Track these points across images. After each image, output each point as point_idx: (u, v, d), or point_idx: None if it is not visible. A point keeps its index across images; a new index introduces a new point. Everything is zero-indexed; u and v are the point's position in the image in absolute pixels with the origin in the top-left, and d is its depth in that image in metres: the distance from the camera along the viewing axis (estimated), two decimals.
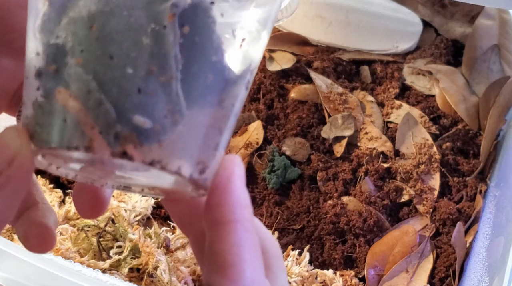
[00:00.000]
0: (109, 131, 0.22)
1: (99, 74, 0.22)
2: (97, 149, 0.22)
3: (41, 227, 0.29)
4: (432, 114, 0.72)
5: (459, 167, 0.68)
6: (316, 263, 0.63)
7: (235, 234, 0.24)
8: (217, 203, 0.25)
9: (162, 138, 0.23)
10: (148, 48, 0.22)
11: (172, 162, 0.23)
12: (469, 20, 0.79)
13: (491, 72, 0.74)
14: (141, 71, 0.22)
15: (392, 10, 0.79)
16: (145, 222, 0.64)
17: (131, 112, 0.22)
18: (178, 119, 0.23)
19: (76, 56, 0.22)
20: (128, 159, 0.22)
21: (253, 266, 0.24)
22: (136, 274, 0.58)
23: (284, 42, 0.79)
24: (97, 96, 0.22)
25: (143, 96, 0.22)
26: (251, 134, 0.71)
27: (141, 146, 0.22)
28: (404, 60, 0.78)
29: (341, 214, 0.64)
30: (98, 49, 0.22)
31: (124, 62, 0.22)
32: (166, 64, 0.22)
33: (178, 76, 0.23)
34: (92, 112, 0.22)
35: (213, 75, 0.24)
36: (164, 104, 0.22)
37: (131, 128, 0.22)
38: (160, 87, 0.22)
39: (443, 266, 0.61)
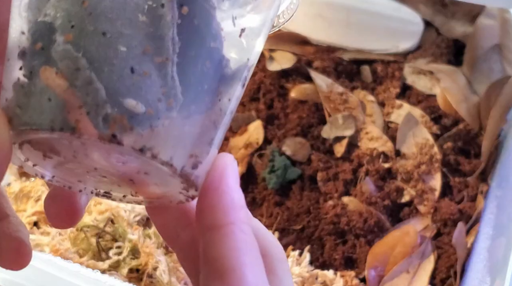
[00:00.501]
0: (98, 112, 0.20)
1: (90, 51, 0.21)
2: (84, 130, 0.21)
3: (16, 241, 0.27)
4: (433, 114, 0.72)
5: (460, 167, 0.68)
6: (317, 264, 0.62)
7: (232, 237, 0.23)
8: (210, 205, 0.23)
9: (154, 123, 0.21)
10: (143, 27, 0.21)
11: (164, 150, 0.21)
12: (470, 19, 0.78)
13: (493, 72, 0.73)
14: (135, 51, 0.21)
15: (393, 10, 0.79)
16: (144, 222, 0.64)
17: (122, 93, 0.21)
18: (172, 104, 0.21)
19: (65, 32, 0.21)
20: (117, 143, 0.21)
21: (254, 269, 0.23)
22: (135, 274, 0.58)
23: (284, 42, 0.79)
24: (86, 74, 0.21)
25: (136, 77, 0.21)
26: (251, 134, 0.71)
27: (131, 130, 0.21)
28: (405, 59, 0.77)
29: (342, 214, 0.64)
30: (90, 25, 0.21)
31: (118, 40, 0.21)
32: (162, 45, 0.21)
33: (174, 59, 0.21)
34: (80, 91, 0.21)
35: (211, 63, 0.22)
36: (158, 88, 0.21)
37: (121, 111, 0.21)
38: (155, 69, 0.21)
39: (444, 267, 0.60)
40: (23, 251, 0.27)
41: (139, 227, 0.61)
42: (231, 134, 0.72)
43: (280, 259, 0.26)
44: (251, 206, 0.67)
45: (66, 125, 0.21)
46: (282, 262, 0.26)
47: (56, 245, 0.58)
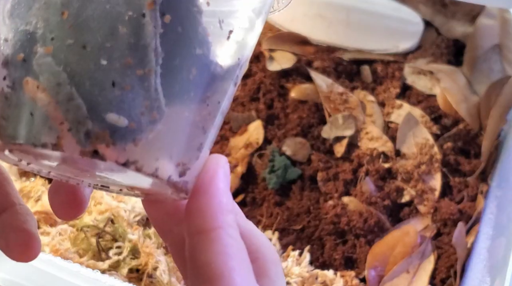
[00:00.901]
0: (79, 128, 0.20)
1: (71, 65, 0.20)
2: (66, 147, 0.20)
3: (24, 233, 0.26)
4: (433, 114, 0.72)
5: (460, 167, 0.68)
6: (317, 264, 0.62)
7: (219, 242, 0.23)
8: (198, 208, 0.23)
9: (138, 137, 0.21)
10: (125, 38, 0.20)
11: (149, 163, 0.21)
12: (470, 19, 0.78)
13: (492, 72, 0.73)
14: (117, 63, 0.20)
15: (393, 10, 0.79)
16: (144, 222, 0.64)
17: (104, 108, 0.20)
18: (156, 117, 0.21)
19: (46, 44, 0.21)
20: (100, 159, 0.20)
21: (242, 273, 0.23)
22: (135, 274, 0.58)
23: (284, 42, 0.79)
24: (67, 90, 0.20)
25: (117, 91, 0.20)
26: (251, 134, 0.71)
27: (114, 145, 0.20)
28: (405, 59, 0.77)
29: (342, 214, 0.64)
30: (70, 38, 0.20)
31: (98, 53, 0.20)
32: (144, 56, 0.21)
33: (157, 71, 0.21)
34: (62, 106, 0.20)
35: (197, 70, 0.22)
36: (141, 101, 0.21)
37: (103, 126, 0.20)
38: (137, 81, 0.21)
39: (444, 267, 0.60)
40: (32, 244, 0.27)
41: (139, 227, 0.61)
42: (231, 135, 0.72)
43: (273, 261, 0.26)
44: (251, 206, 0.67)
45: (48, 141, 0.20)
46: (275, 264, 0.26)
47: (56, 245, 0.58)
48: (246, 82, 0.75)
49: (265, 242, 0.27)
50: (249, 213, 0.66)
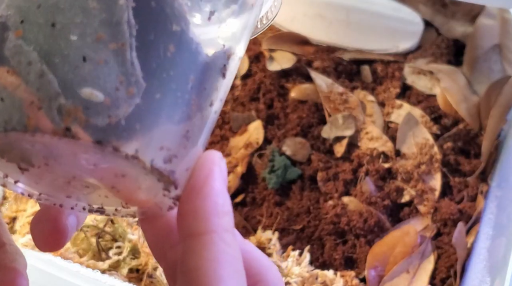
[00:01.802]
0: (51, 105, 0.19)
1: (41, 44, 0.20)
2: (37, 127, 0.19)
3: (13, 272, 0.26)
4: (433, 114, 0.72)
5: (460, 167, 0.68)
6: (317, 264, 0.62)
7: (211, 247, 0.21)
8: (191, 210, 0.22)
9: (113, 113, 0.20)
10: (96, 13, 0.20)
11: (128, 142, 0.20)
12: (470, 19, 0.78)
13: (492, 72, 0.73)
14: (87, 38, 0.20)
15: (393, 10, 0.79)
16: None
17: (76, 83, 0.19)
18: (133, 92, 0.20)
19: (16, 28, 0.20)
20: (72, 137, 0.19)
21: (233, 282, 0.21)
22: (135, 274, 0.58)
23: (284, 42, 0.79)
24: (38, 67, 0.20)
25: (89, 65, 0.20)
26: (251, 134, 0.71)
27: (88, 122, 0.19)
28: (405, 59, 0.77)
29: (342, 214, 0.64)
30: (39, 17, 0.20)
31: (68, 29, 0.20)
32: (117, 30, 0.20)
33: (132, 44, 0.20)
34: (32, 85, 0.20)
35: (176, 47, 0.21)
36: (116, 75, 0.20)
37: (76, 102, 0.19)
38: (111, 55, 0.20)
39: (444, 267, 0.60)
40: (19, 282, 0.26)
41: (139, 227, 0.61)
42: (231, 134, 0.72)
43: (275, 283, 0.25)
44: (251, 206, 0.67)
45: (18, 124, 0.20)
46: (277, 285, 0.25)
47: None
48: (246, 82, 0.75)
49: (267, 263, 0.25)
50: (249, 213, 0.66)
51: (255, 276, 0.24)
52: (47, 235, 0.26)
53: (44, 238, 0.26)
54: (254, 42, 0.79)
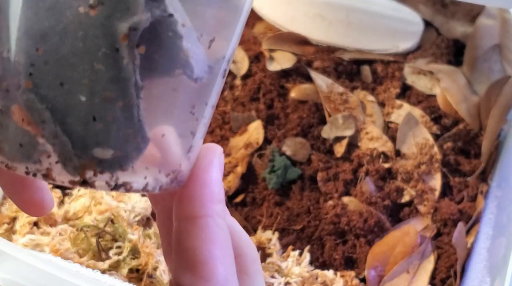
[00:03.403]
0: (67, 162, 0.21)
1: (52, 102, 0.20)
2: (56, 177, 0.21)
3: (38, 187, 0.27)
4: (433, 114, 0.72)
5: (460, 167, 0.68)
6: (317, 264, 0.62)
7: (206, 229, 0.23)
8: (189, 195, 0.24)
9: (124, 163, 0.21)
10: (101, 74, 0.20)
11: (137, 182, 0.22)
12: (470, 19, 0.78)
13: (492, 72, 0.73)
14: (96, 99, 0.20)
15: (393, 10, 0.79)
16: (144, 222, 0.64)
17: (88, 143, 0.21)
18: (140, 143, 0.21)
19: (26, 79, 0.21)
20: (90, 187, 0.21)
21: (226, 263, 0.23)
22: (135, 274, 0.58)
23: (284, 42, 0.79)
24: (51, 128, 0.20)
25: (99, 124, 0.20)
26: (251, 134, 0.71)
27: (102, 174, 0.21)
28: (405, 59, 0.77)
29: (342, 214, 0.64)
30: (47, 75, 0.20)
31: (76, 89, 0.20)
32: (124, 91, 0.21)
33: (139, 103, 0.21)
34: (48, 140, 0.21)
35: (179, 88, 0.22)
36: (124, 131, 0.21)
37: (90, 158, 0.21)
38: (119, 113, 0.21)
39: (444, 267, 0.60)
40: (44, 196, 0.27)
41: (139, 227, 0.61)
42: (231, 134, 0.72)
43: (253, 259, 0.27)
44: (251, 206, 0.67)
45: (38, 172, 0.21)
46: (255, 262, 0.27)
47: (56, 245, 0.58)
48: (246, 82, 0.75)
49: (246, 239, 0.27)
50: (249, 213, 0.66)
51: (235, 250, 0.26)
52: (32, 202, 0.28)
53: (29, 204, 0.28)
54: (254, 42, 0.79)
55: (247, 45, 0.79)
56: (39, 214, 0.28)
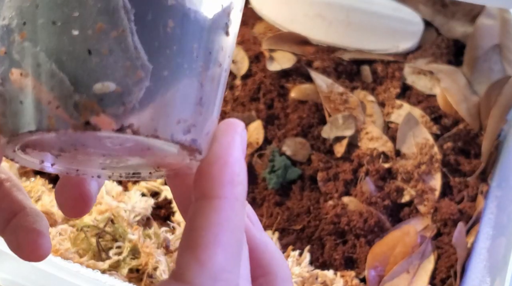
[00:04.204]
0: (67, 102, 0.20)
1: (46, 43, 0.20)
2: (58, 125, 0.20)
3: (35, 233, 0.27)
4: (433, 114, 0.72)
5: (460, 167, 0.68)
6: (317, 264, 0.62)
7: (218, 211, 0.22)
8: (208, 173, 0.22)
9: (127, 100, 0.20)
10: (92, 4, 0.20)
11: (145, 123, 0.21)
12: (470, 19, 0.78)
13: (493, 72, 0.73)
14: (89, 31, 0.20)
15: (393, 10, 0.79)
16: (144, 222, 0.64)
17: (87, 77, 0.20)
18: (141, 75, 0.21)
19: (20, 30, 0.21)
20: (93, 129, 0.20)
21: (229, 251, 0.22)
22: (135, 274, 0.58)
23: (284, 42, 0.79)
24: (47, 67, 0.20)
25: (95, 58, 0.20)
26: (251, 134, 0.71)
27: (104, 113, 0.20)
28: (405, 59, 0.77)
29: (342, 214, 0.64)
30: (40, 17, 0.20)
31: (68, 25, 0.20)
32: (114, 17, 0.20)
33: (132, 28, 0.21)
34: (46, 86, 0.20)
35: (174, 22, 0.21)
36: (122, 63, 0.20)
37: (90, 96, 0.20)
38: (114, 44, 0.20)
39: (444, 267, 0.60)
40: (41, 243, 0.27)
41: (139, 227, 0.61)
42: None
43: (284, 280, 0.25)
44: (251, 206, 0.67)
45: (40, 125, 0.21)
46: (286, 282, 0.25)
47: (56, 245, 0.58)
48: (246, 82, 0.75)
49: (279, 257, 0.26)
50: None
51: (265, 267, 0.24)
52: (74, 201, 0.27)
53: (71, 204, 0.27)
54: (254, 42, 0.79)
55: (247, 45, 0.79)
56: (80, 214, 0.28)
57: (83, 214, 0.28)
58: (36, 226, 0.27)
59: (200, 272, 0.21)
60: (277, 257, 0.26)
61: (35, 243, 0.27)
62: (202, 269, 0.21)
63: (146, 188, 0.65)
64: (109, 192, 0.64)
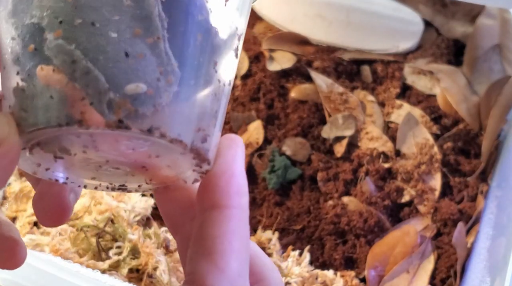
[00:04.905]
0: (102, 99, 0.21)
1: (82, 42, 0.21)
2: (90, 121, 0.21)
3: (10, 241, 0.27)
4: (433, 114, 0.72)
5: (460, 167, 0.68)
6: (317, 264, 0.62)
7: (230, 220, 0.23)
8: (217, 185, 0.23)
9: (157, 102, 0.21)
10: (129, 10, 0.21)
11: (171, 127, 0.22)
12: (470, 19, 0.78)
13: (492, 72, 0.73)
14: (126, 35, 0.21)
15: (393, 10, 0.79)
16: (144, 222, 0.64)
17: (121, 78, 0.21)
18: (171, 80, 0.22)
19: (55, 29, 0.21)
20: (125, 128, 0.21)
21: (241, 257, 0.23)
22: (135, 274, 0.58)
23: (284, 42, 0.79)
24: (83, 65, 0.21)
25: (131, 60, 0.21)
26: (251, 134, 0.71)
27: (136, 113, 0.21)
28: (405, 59, 0.77)
29: (342, 214, 0.64)
30: (77, 18, 0.21)
31: (107, 27, 0.21)
32: (150, 24, 0.22)
33: (165, 36, 0.22)
34: (80, 82, 0.21)
35: (202, 35, 0.23)
36: (155, 67, 0.22)
37: (123, 95, 0.21)
38: (148, 49, 0.22)
39: (444, 267, 0.60)
40: (18, 250, 0.27)
41: (139, 227, 0.61)
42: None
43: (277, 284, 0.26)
44: (251, 206, 0.67)
45: (72, 119, 0.21)
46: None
47: (56, 245, 0.58)
48: (246, 82, 0.75)
49: (269, 264, 0.27)
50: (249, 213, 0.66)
51: (257, 275, 0.25)
52: (52, 211, 0.27)
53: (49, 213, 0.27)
54: (254, 42, 0.79)
55: (247, 45, 0.79)
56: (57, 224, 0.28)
57: (59, 223, 0.28)
58: (11, 234, 0.27)
59: (221, 277, 0.22)
60: (267, 263, 0.27)
61: (12, 251, 0.27)
62: (222, 275, 0.22)
63: None
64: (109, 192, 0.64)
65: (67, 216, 0.28)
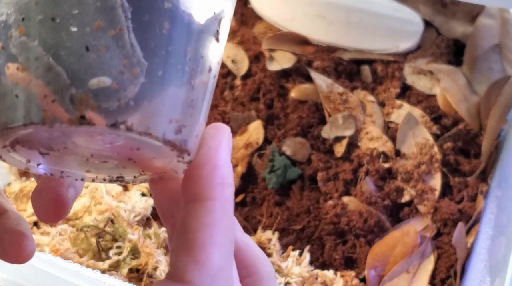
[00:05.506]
0: (64, 96, 0.21)
1: (44, 39, 0.21)
2: (53, 118, 0.21)
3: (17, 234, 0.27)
4: (433, 114, 0.72)
5: (460, 167, 0.68)
6: (317, 264, 0.62)
7: (211, 213, 0.23)
8: (198, 176, 0.23)
9: (122, 96, 0.21)
10: (91, 2, 0.21)
11: (138, 120, 0.21)
12: (470, 19, 0.78)
13: (492, 72, 0.73)
14: (87, 28, 0.21)
15: (393, 10, 0.79)
16: (144, 222, 0.64)
17: (84, 73, 0.21)
18: (137, 73, 0.21)
19: (18, 26, 0.21)
20: (88, 124, 0.21)
21: (223, 250, 0.22)
22: (135, 274, 0.58)
23: (284, 42, 0.79)
24: (45, 61, 0.21)
25: (93, 54, 0.21)
26: (251, 134, 0.71)
27: (99, 108, 0.21)
28: (405, 59, 0.77)
29: (342, 214, 0.64)
30: (39, 14, 0.21)
31: (68, 22, 0.21)
32: (113, 15, 0.21)
33: (129, 26, 0.21)
34: (43, 79, 0.21)
35: (170, 24, 0.22)
36: (118, 60, 0.21)
37: (86, 90, 0.21)
38: (112, 41, 0.21)
39: (444, 267, 0.60)
40: (26, 244, 0.27)
41: (139, 227, 0.61)
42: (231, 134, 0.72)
43: (269, 277, 0.26)
44: (251, 206, 0.67)
45: (35, 117, 0.21)
46: (270, 280, 0.26)
47: (56, 245, 0.58)
48: (246, 82, 0.75)
49: (262, 256, 0.27)
50: (249, 213, 0.66)
51: (250, 268, 0.25)
52: (49, 207, 0.27)
53: (47, 209, 0.27)
54: (254, 42, 0.79)
55: (247, 45, 0.79)
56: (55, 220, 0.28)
57: (58, 219, 0.28)
58: (20, 228, 0.27)
59: (200, 272, 0.22)
60: (259, 255, 0.26)
61: (19, 245, 0.27)
62: (201, 269, 0.22)
63: (146, 188, 0.65)
64: (109, 192, 0.64)
65: (65, 212, 0.28)
